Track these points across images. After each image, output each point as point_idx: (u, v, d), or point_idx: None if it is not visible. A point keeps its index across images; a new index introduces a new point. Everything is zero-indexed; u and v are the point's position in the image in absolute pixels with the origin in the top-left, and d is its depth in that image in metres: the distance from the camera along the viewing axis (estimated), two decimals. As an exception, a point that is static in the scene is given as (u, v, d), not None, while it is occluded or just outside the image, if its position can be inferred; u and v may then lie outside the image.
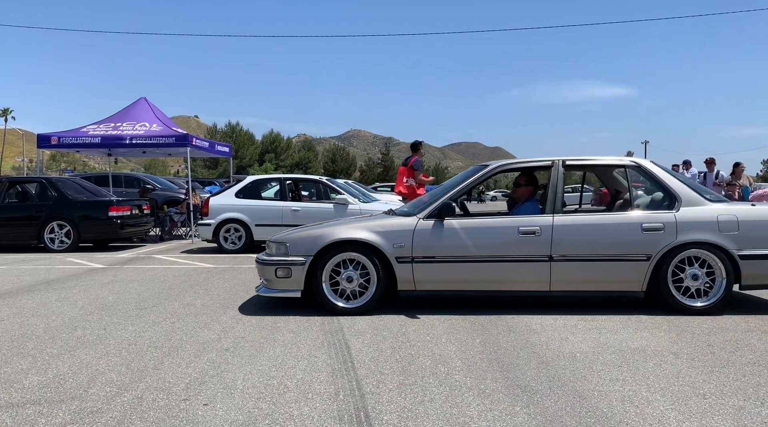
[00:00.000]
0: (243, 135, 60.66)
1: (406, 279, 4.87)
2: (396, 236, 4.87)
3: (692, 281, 4.78)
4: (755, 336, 4.12)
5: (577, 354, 3.74)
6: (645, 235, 4.76)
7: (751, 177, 12.63)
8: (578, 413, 2.78)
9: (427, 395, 3.03)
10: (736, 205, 4.97)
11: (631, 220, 4.86)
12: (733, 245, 4.71)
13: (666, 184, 4.98)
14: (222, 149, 14.66)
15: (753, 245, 4.73)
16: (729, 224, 4.74)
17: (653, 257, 4.74)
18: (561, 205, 4.98)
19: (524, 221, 4.93)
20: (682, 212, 4.80)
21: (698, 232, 4.73)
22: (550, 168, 5.15)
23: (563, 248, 4.80)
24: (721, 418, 2.69)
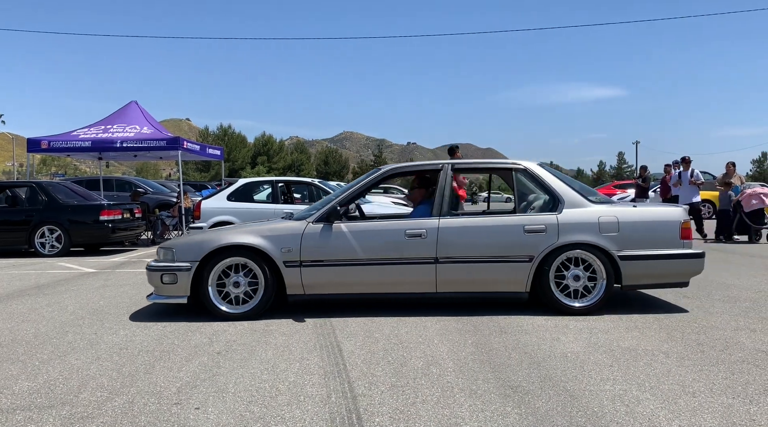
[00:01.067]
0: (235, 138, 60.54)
1: (295, 283, 4.86)
2: (284, 240, 4.86)
3: (574, 281, 4.85)
4: (744, 334, 4.15)
5: (568, 354, 3.76)
6: (527, 236, 4.82)
7: (743, 176, 12.68)
8: (569, 412, 2.79)
9: (419, 397, 3.03)
10: (617, 206, 5.03)
11: (514, 222, 4.90)
12: (613, 246, 4.77)
13: (550, 187, 5.03)
14: (213, 152, 14.62)
15: (633, 246, 4.80)
16: (609, 225, 4.81)
17: (535, 258, 4.80)
18: (449, 208, 5.03)
19: (411, 223, 4.96)
20: (564, 214, 4.86)
21: (579, 233, 4.80)
22: (440, 171, 5.19)
23: (448, 249, 4.84)
24: (710, 416, 2.71)
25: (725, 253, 9.22)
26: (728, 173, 11.96)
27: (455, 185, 9.48)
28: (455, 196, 5.50)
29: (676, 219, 4.90)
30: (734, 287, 6.09)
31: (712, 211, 17.65)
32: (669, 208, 5.08)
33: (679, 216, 4.93)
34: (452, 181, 5.21)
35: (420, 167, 5.63)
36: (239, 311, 4.85)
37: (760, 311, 4.89)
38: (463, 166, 5.61)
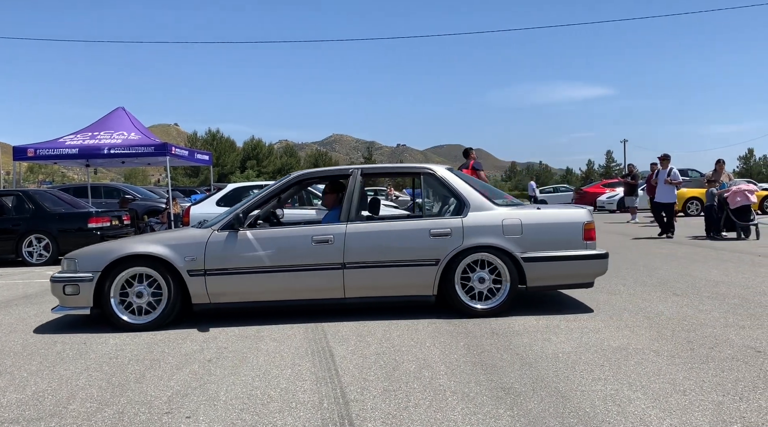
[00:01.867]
0: (224, 142, 60.31)
1: (200, 293, 4.79)
2: (188, 248, 4.79)
3: (479, 283, 4.88)
4: (733, 331, 4.18)
5: (559, 354, 3.77)
6: (433, 240, 4.83)
7: (730, 173, 12.77)
8: (561, 413, 2.80)
9: (411, 401, 3.03)
10: (522, 209, 5.07)
11: (420, 226, 4.91)
12: (517, 248, 4.82)
13: (456, 191, 5.06)
14: (202, 157, 14.55)
15: (536, 248, 4.84)
16: (513, 227, 4.85)
17: (441, 261, 4.81)
18: (357, 212, 5.03)
19: (318, 229, 4.94)
20: (470, 217, 4.89)
21: (484, 236, 4.83)
22: (349, 176, 5.20)
23: (355, 255, 4.83)
24: (701, 414, 2.73)
25: (714, 250, 9.29)
26: (717, 171, 12.04)
27: None
28: (366, 200, 5.53)
29: (579, 221, 4.94)
30: (723, 283, 6.14)
31: (700, 209, 17.78)
32: (572, 210, 5.14)
33: (582, 218, 4.97)
34: (363, 186, 5.19)
35: (330, 172, 5.69)
36: (141, 322, 4.76)
37: (749, 308, 4.93)
38: (372, 171, 5.65)
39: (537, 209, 5.09)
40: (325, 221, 5.21)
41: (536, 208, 5.10)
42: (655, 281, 6.47)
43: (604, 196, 23.63)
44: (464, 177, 5.39)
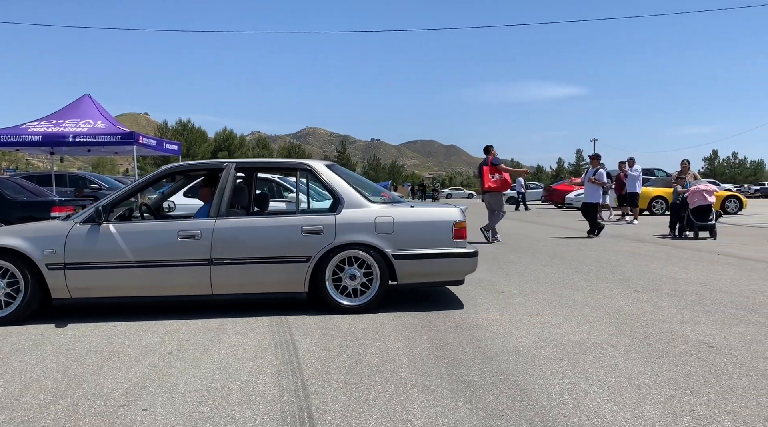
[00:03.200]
0: (195, 133, 59.49)
1: (59, 287, 4.66)
2: (47, 241, 4.65)
3: (350, 280, 4.89)
4: (689, 327, 4.29)
5: (520, 348, 3.82)
6: (305, 237, 4.82)
7: (696, 173, 13.06)
8: (518, 406, 2.84)
9: (372, 394, 3.04)
10: (395, 207, 5.06)
11: (292, 222, 4.89)
12: (388, 246, 4.85)
13: (331, 187, 5.07)
14: (170, 147, 14.32)
15: (407, 245, 4.88)
16: (385, 225, 4.87)
17: (313, 258, 4.80)
18: (227, 207, 4.95)
19: (185, 224, 4.87)
20: (343, 214, 4.90)
21: (356, 233, 4.85)
22: (222, 170, 5.13)
23: (223, 251, 4.76)
24: (653, 407, 2.80)
25: (675, 248, 9.51)
26: (683, 170, 12.31)
27: (500, 178, 10.50)
28: (245, 194, 5.52)
29: (449, 219, 4.98)
30: (682, 281, 6.30)
31: (665, 207, 18.18)
32: (444, 209, 5.17)
33: (453, 216, 5.01)
34: (234, 180, 5.09)
35: (203, 166, 5.63)
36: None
37: (705, 305, 5.07)
38: (248, 165, 5.64)
39: (410, 207, 5.09)
40: (197, 216, 5.10)
41: (410, 207, 5.11)
42: (617, 277, 6.61)
43: (573, 194, 23.99)
44: (344, 174, 5.33)
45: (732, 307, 4.94)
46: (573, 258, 8.40)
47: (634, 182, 15.51)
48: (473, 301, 5.37)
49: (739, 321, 4.44)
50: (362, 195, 5.08)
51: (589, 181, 11.77)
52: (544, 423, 2.64)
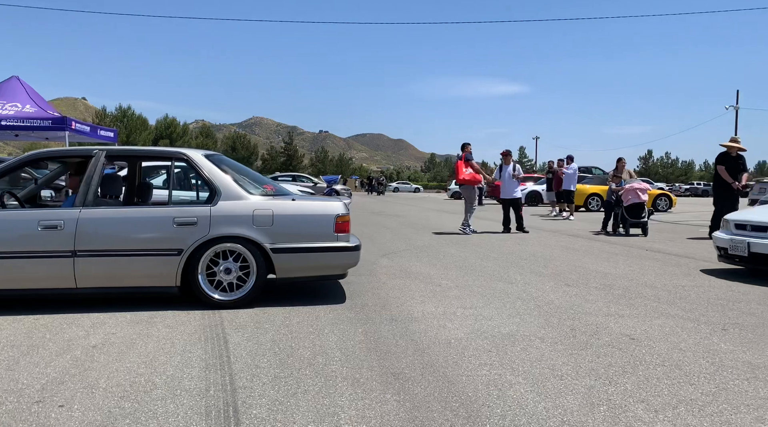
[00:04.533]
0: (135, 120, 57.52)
1: None
2: None
3: (225, 274, 4.77)
4: (613, 320, 4.46)
5: (452, 341, 3.88)
6: (177, 229, 4.67)
7: (631, 170, 13.55)
8: (445, 398, 2.88)
9: (300, 387, 3.02)
10: (275, 200, 4.97)
11: (163, 214, 4.72)
12: (266, 239, 4.75)
13: (207, 178, 4.93)
14: (106, 134, 13.79)
15: (286, 239, 4.80)
16: (264, 218, 4.77)
17: (185, 251, 4.66)
18: (95, 197, 4.78)
19: (47, 213, 4.67)
20: (219, 206, 4.76)
21: (232, 226, 4.73)
22: (92, 158, 4.94)
23: (89, 242, 4.57)
24: (573, 397, 2.89)
25: (608, 244, 9.88)
26: (618, 168, 12.76)
27: (471, 172, 11.15)
28: (119, 184, 5.35)
29: (331, 213, 4.93)
30: (610, 275, 6.55)
31: (600, 204, 18.84)
32: (326, 203, 5.10)
33: (335, 210, 4.95)
34: (102, 169, 4.90)
35: (69, 153, 5.44)
36: None
37: (630, 298, 5.28)
38: (120, 153, 5.51)
39: (291, 200, 5.01)
40: (64, 206, 4.89)
41: (291, 200, 5.03)
42: (550, 271, 6.81)
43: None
44: (225, 165, 5.21)
45: (654, 300, 5.18)
46: (510, 252, 8.59)
47: (569, 180, 16.01)
48: (410, 294, 5.42)
49: (660, 314, 4.65)
50: (241, 187, 4.93)
51: (513, 177, 11.95)
52: (468, 414, 2.69)
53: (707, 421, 2.59)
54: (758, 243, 6.09)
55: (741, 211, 7.12)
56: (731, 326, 4.25)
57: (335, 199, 5.31)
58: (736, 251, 6.35)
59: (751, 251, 6.15)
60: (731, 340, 3.89)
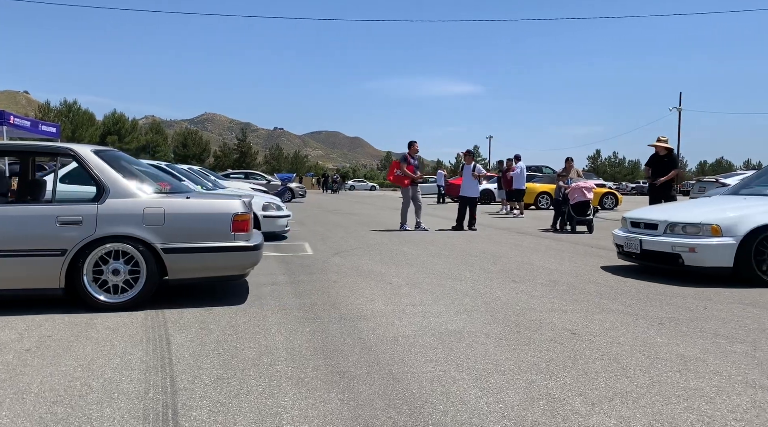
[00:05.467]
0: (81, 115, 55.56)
1: None
2: None
3: (113, 276, 4.58)
4: (557, 315, 4.57)
5: (399, 338, 3.90)
6: (61, 228, 4.47)
7: (580, 170, 13.90)
8: (389, 395, 2.89)
9: (244, 388, 2.98)
10: (169, 198, 4.81)
11: (45, 212, 4.50)
12: (157, 239, 4.58)
13: (95, 175, 4.71)
14: (48, 129, 13.26)
15: (180, 239, 4.64)
16: (155, 217, 4.61)
17: (69, 251, 4.46)
18: None
19: None
20: (107, 204, 4.58)
21: (120, 225, 4.55)
22: None
23: None
24: (514, 392, 2.95)
25: (556, 241, 10.12)
26: (567, 168, 13.08)
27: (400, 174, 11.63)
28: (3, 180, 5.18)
29: (227, 212, 4.78)
30: (556, 272, 6.71)
31: (549, 203, 19.29)
32: (223, 201, 4.93)
33: (232, 209, 4.80)
34: None
35: None
36: None
37: (574, 294, 5.42)
38: (2, 148, 5.33)
39: (186, 199, 4.83)
40: None
41: (185, 198, 4.85)
42: (499, 268, 6.92)
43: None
44: (117, 161, 5.00)
45: (597, 296, 5.33)
46: (461, 250, 8.70)
47: (518, 179, 16.35)
48: (361, 292, 5.42)
49: (602, 309, 4.79)
50: (132, 184, 4.75)
51: (474, 176, 12.22)
52: (411, 411, 2.71)
53: (640, 412, 2.68)
54: (649, 240, 6.29)
55: (637, 210, 7.37)
56: (667, 321, 4.41)
57: (235, 197, 5.11)
58: (631, 247, 6.57)
59: (643, 248, 6.36)
60: (667, 333, 4.05)
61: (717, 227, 5.84)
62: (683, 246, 5.95)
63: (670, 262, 6.14)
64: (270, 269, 6.73)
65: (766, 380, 3.10)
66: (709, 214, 6.08)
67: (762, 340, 3.87)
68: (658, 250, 6.22)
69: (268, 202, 9.92)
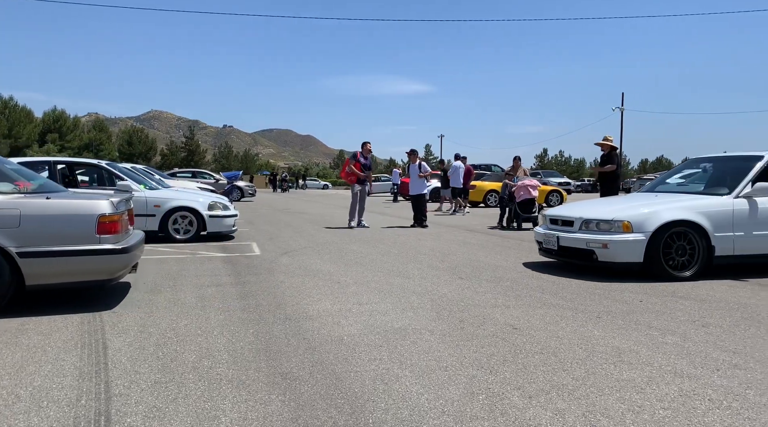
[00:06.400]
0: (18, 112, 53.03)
1: None
2: None
3: None
4: (499, 311, 4.66)
5: (344, 337, 3.89)
6: None
7: (527, 169, 14.19)
8: (331, 395, 2.88)
9: (182, 392, 2.91)
10: (25, 199, 4.51)
11: None
12: (11, 243, 4.31)
13: None
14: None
15: (38, 242, 4.39)
16: (8, 219, 4.33)
17: None
18: None
19: None
20: None
21: None
22: None
23: None
24: (455, 388, 2.99)
25: (502, 238, 10.31)
26: (513, 166, 13.34)
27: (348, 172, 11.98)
28: None
29: (92, 213, 4.53)
30: (501, 268, 6.84)
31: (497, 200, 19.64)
32: (87, 202, 4.66)
33: (97, 210, 4.55)
34: None
35: None
36: None
37: (517, 290, 5.54)
38: None
39: (46, 199, 4.56)
40: None
41: (45, 198, 4.57)
42: (446, 265, 7.00)
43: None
44: None
45: (539, 291, 5.45)
46: (411, 247, 8.76)
47: (454, 177, 16.70)
48: (308, 292, 5.38)
49: (543, 304, 4.91)
50: None
51: (419, 176, 12.46)
52: (353, 410, 2.71)
53: (575, 404, 2.76)
54: (566, 237, 6.48)
55: (557, 207, 7.60)
56: (605, 314, 4.56)
57: (103, 197, 4.83)
58: (549, 244, 6.75)
59: (560, 244, 6.55)
60: (604, 327, 4.18)
61: (628, 224, 6.02)
62: (597, 242, 6.11)
63: (584, 258, 6.29)
64: (215, 270, 6.60)
65: (693, 370, 3.24)
66: (621, 211, 6.25)
67: (691, 331, 4.05)
68: (574, 246, 6.37)
69: (214, 201, 9.73)
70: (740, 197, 6.22)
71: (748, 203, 6.19)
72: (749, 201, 6.20)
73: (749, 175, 6.34)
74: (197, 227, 9.46)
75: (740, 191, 6.25)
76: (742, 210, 6.15)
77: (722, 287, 5.67)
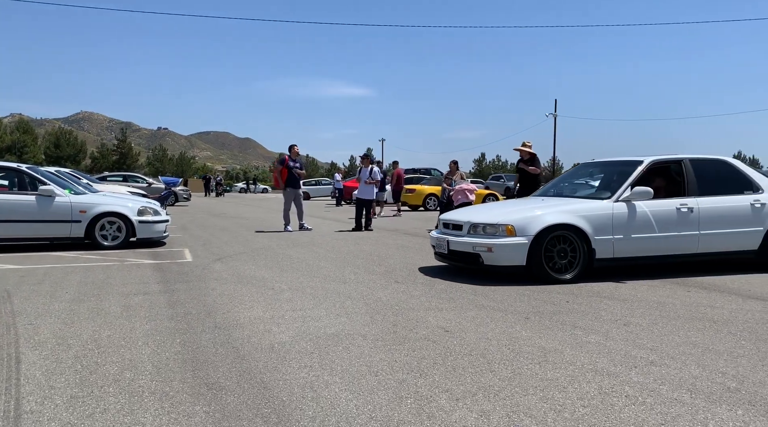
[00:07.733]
0: (-68, 110, 49.69)
1: None
2: None
3: None
4: (432, 314, 4.71)
5: (275, 345, 3.83)
6: None
7: (465, 172, 14.41)
8: (258, 405, 2.83)
9: (100, 406, 2.79)
10: None
11: None
12: None
13: None
14: None
15: None
16: None
17: None
18: None
19: None
20: None
21: None
22: None
23: None
24: (384, 392, 2.99)
25: (439, 241, 10.44)
26: (451, 171, 13.53)
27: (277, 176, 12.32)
28: None
29: None
30: (436, 270, 6.91)
31: (437, 204, 19.90)
32: None
33: None
34: None
35: None
36: None
37: (450, 292, 5.61)
38: None
39: None
40: None
41: None
42: (383, 269, 7.03)
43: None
44: None
45: (472, 294, 5.55)
46: (348, 252, 8.74)
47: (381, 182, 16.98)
48: (240, 299, 5.27)
49: (475, 306, 4.99)
50: None
51: (366, 182, 12.54)
52: (279, 419, 2.66)
53: (500, 404, 2.82)
54: (455, 241, 6.58)
55: (451, 212, 7.78)
56: (533, 315, 4.69)
57: None
58: (441, 248, 6.85)
59: (450, 248, 6.65)
60: (531, 327, 4.29)
61: (511, 227, 6.15)
62: (482, 246, 6.21)
63: (472, 261, 6.37)
64: (143, 278, 6.38)
65: (613, 367, 3.37)
66: (507, 215, 6.38)
67: (613, 330, 4.22)
68: (462, 250, 6.45)
69: (144, 206, 9.41)
70: (620, 201, 6.44)
71: (627, 207, 6.41)
72: (628, 205, 6.43)
73: (629, 180, 6.58)
74: (126, 233, 9.12)
75: (620, 195, 6.47)
76: (622, 213, 6.37)
77: (643, 287, 5.93)
